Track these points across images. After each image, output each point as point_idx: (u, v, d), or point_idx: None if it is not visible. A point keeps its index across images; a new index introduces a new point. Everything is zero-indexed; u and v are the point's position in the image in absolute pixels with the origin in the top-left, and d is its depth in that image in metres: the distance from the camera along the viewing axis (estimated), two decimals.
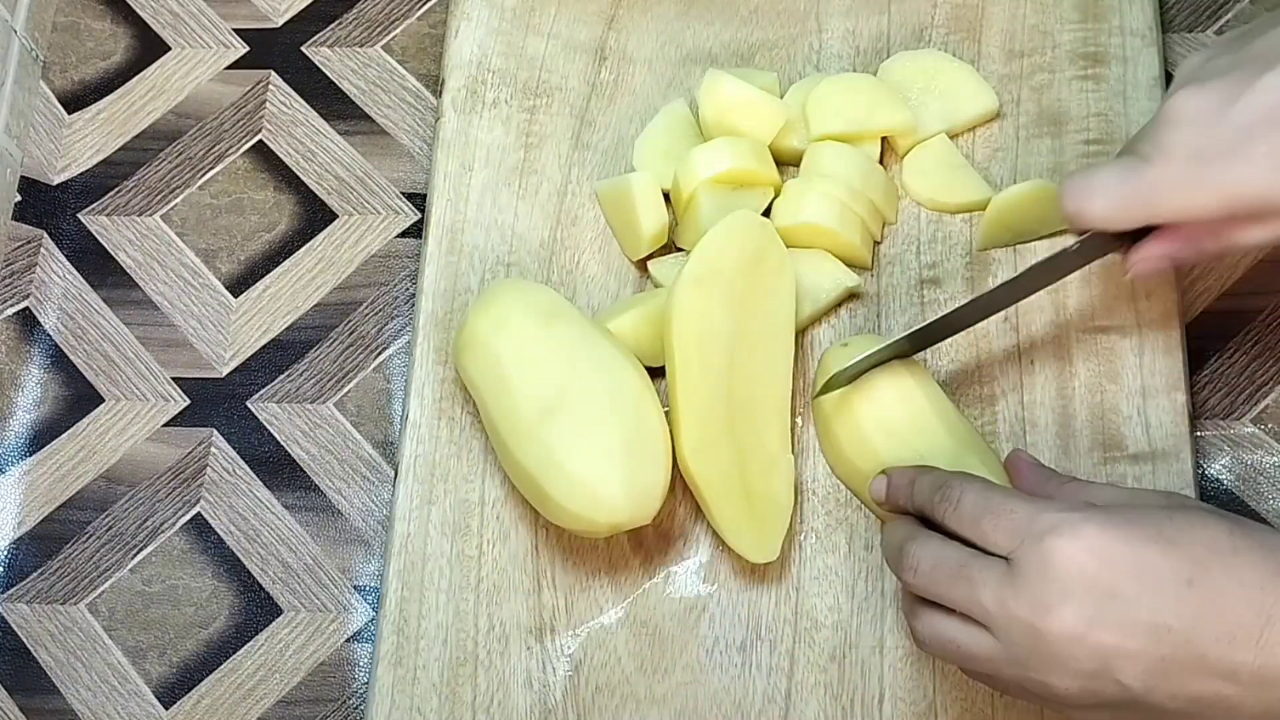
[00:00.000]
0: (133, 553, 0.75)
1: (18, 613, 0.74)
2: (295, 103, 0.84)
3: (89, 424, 0.77)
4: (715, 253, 0.67)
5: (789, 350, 0.68)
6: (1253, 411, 0.71)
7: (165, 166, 0.83)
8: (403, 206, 0.81)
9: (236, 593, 0.74)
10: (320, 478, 0.75)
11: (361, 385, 0.77)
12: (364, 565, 0.74)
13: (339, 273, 0.80)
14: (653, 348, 0.69)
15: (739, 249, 0.67)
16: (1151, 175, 0.58)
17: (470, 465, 0.71)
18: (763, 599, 0.67)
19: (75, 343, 0.79)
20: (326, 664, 0.72)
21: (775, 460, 0.67)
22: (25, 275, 0.81)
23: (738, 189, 0.72)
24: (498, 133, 0.78)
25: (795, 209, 0.71)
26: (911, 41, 0.78)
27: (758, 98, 0.73)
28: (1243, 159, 0.56)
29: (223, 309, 0.80)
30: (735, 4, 0.80)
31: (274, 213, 0.81)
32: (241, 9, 0.87)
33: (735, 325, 0.67)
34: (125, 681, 0.72)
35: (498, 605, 0.68)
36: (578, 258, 0.75)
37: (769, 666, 0.66)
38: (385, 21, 0.85)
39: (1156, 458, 0.68)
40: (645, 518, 0.64)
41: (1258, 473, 0.70)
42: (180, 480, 0.76)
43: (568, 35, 0.80)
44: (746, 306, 0.67)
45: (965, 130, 0.75)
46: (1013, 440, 0.69)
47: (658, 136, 0.76)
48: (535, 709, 0.67)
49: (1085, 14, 0.77)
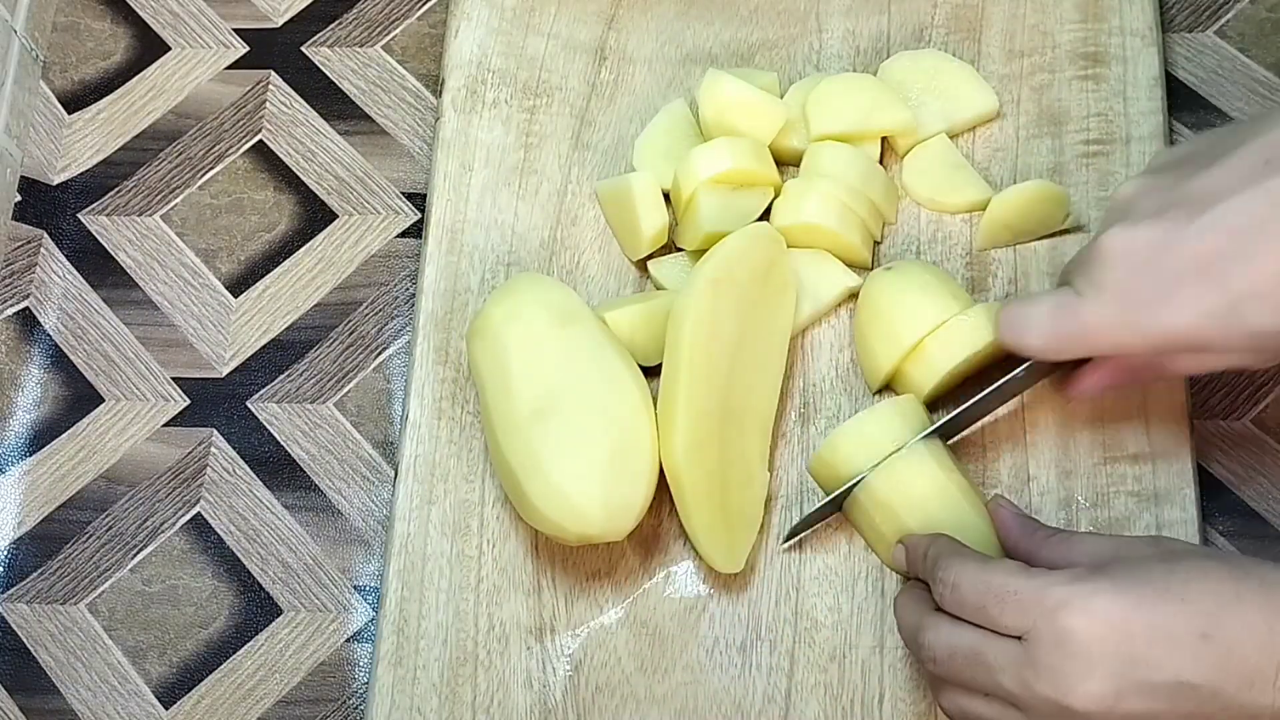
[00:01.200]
0: (133, 553, 0.75)
1: (18, 613, 0.74)
2: (295, 103, 0.84)
3: (89, 424, 0.77)
4: (733, 258, 0.67)
5: (781, 369, 0.69)
6: (1253, 411, 0.71)
7: (165, 166, 0.83)
8: (403, 206, 0.81)
9: (236, 593, 0.74)
10: (320, 478, 0.75)
11: (361, 385, 0.77)
12: (364, 565, 0.74)
13: (339, 273, 0.80)
14: (647, 346, 0.69)
15: (754, 259, 0.67)
16: (1085, 313, 0.59)
17: (470, 465, 0.71)
18: (763, 599, 0.67)
19: (75, 343, 0.79)
20: (326, 664, 0.72)
21: (753, 474, 0.67)
22: (25, 275, 0.81)
23: (737, 189, 0.72)
24: (498, 133, 0.78)
25: (796, 209, 0.71)
26: (911, 41, 0.78)
27: (758, 98, 0.73)
28: (1172, 305, 0.57)
29: (223, 309, 0.80)
30: (735, 4, 0.80)
31: (274, 213, 0.81)
32: (241, 9, 0.87)
33: (741, 333, 0.67)
34: (125, 681, 0.72)
35: (498, 605, 0.68)
36: (578, 258, 0.75)
37: (769, 666, 0.66)
38: (385, 21, 0.85)
39: (1156, 458, 0.68)
40: (618, 534, 0.64)
41: (1258, 473, 0.70)
42: (180, 480, 0.76)
43: (568, 35, 0.80)
44: (753, 317, 0.67)
45: (965, 130, 0.75)
46: (1013, 441, 0.69)
47: (658, 136, 0.76)
48: (535, 709, 0.67)
49: (1085, 14, 0.77)
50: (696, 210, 0.71)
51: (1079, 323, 0.59)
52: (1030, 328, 0.62)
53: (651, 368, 0.69)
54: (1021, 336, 0.62)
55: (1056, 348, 0.61)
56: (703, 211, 0.71)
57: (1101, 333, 0.59)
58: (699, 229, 0.70)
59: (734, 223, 0.70)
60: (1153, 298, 0.57)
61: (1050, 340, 0.61)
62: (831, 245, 0.71)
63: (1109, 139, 0.74)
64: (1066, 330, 0.60)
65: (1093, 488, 0.68)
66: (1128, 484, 0.67)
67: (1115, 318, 0.58)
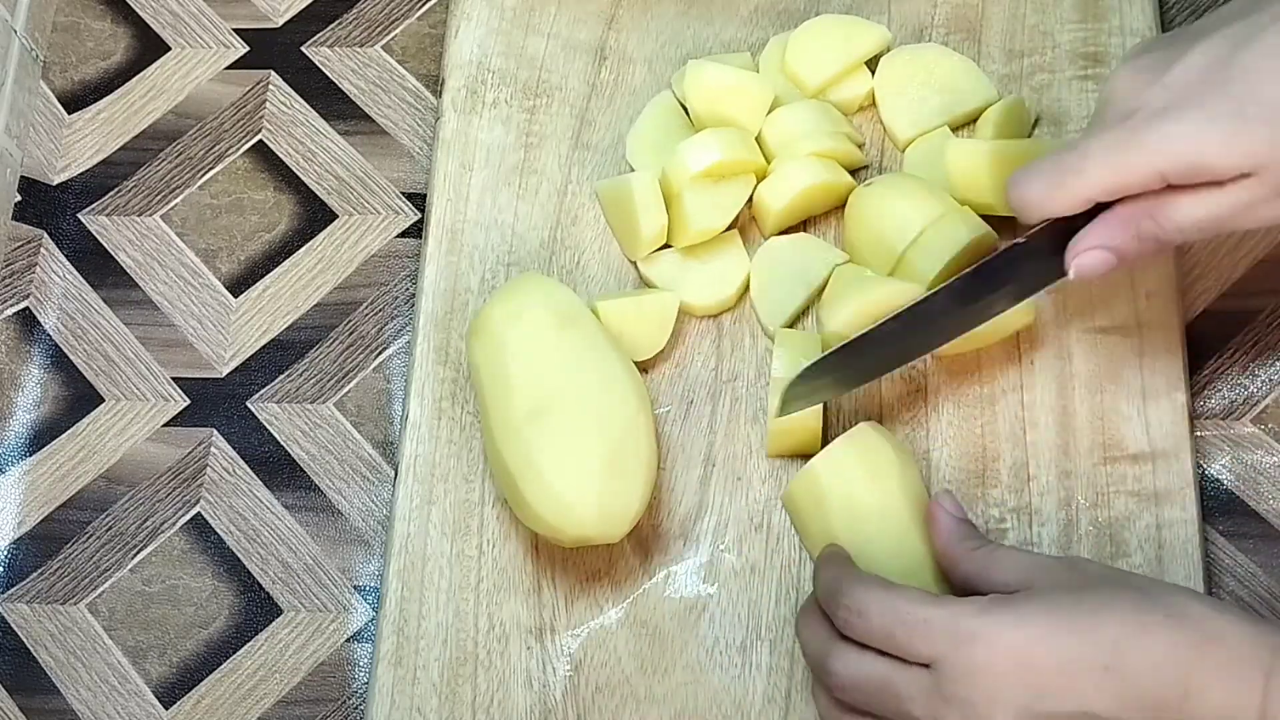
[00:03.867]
0: (133, 553, 0.75)
1: (18, 613, 0.74)
2: (295, 103, 0.84)
3: (89, 424, 0.77)
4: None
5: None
6: (1253, 411, 0.71)
7: (165, 166, 0.83)
8: (403, 206, 0.81)
9: (236, 593, 0.74)
10: (320, 478, 0.75)
11: (361, 385, 0.77)
12: (364, 565, 0.74)
13: (339, 273, 0.80)
14: (636, 340, 0.70)
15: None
16: (1083, 144, 0.58)
17: (470, 465, 0.71)
18: (763, 599, 0.67)
19: (75, 343, 0.79)
20: (326, 664, 0.72)
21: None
22: (25, 275, 0.81)
23: (720, 181, 0.71)
24: (498, 133, 0.78)
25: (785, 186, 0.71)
26: (911, 41, 0.78)
27: (743, 79, 0.73)
28: (1173, 118, 0.55)
29: (223, 309, 0.80)
30: (735, 4, 0.80)
31: (274, 213, 0.81)
32: (241, 9, 0.87)
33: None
34: (125, 681, 0.72)
35: (498, 605, 0.68)
36: (578, 258, 0.75)
37: (769, 666, 0.66)
38: (385, 21, 0.85)
39: (1156, 458, 0.68)
40: (614, 536, 0.64)
41: (1258, 473, 0.70)
42: (180, 480, 0.76)
43: (568, 35, 0.80)
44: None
45: (966, 123, 0.75)
46: (1013, 441, 0.69)
47: (648, 130, 0.76)
48: (535, 709, 0.67)
49: (1085, 14, 0.77)
50: (684, 209, 0.71)
51: (1078, 154, 0.57)
52: (1031, 174, 0.59)
53: (643, 364, 0.69)
54: (1025, 188, 0.59)
55: (1058, 190, 0.58)
56: (689, 210, 0.71)
57: (1101, 157, 0.57)
58: (687, 228, 0.71)
59: (721, 219, 0.71)
60: (1155, 113, 0.56)
61: (1051, 182, 0.58)
62: (826, 196, 0.72)
63: None
64: (1066, 166, 0.58)
65: (1093, 488, 0.68)
66: (1128, 484, 0.67)
67: (1115, 139, 0.56)
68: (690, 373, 0.72)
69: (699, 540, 0.69)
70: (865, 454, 0.65)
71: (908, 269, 0.68)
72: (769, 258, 0.73)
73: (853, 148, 0.73)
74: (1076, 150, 0.58)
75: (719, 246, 0.73)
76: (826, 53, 0.75)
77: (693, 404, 0.71)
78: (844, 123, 0.75)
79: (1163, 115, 0.56)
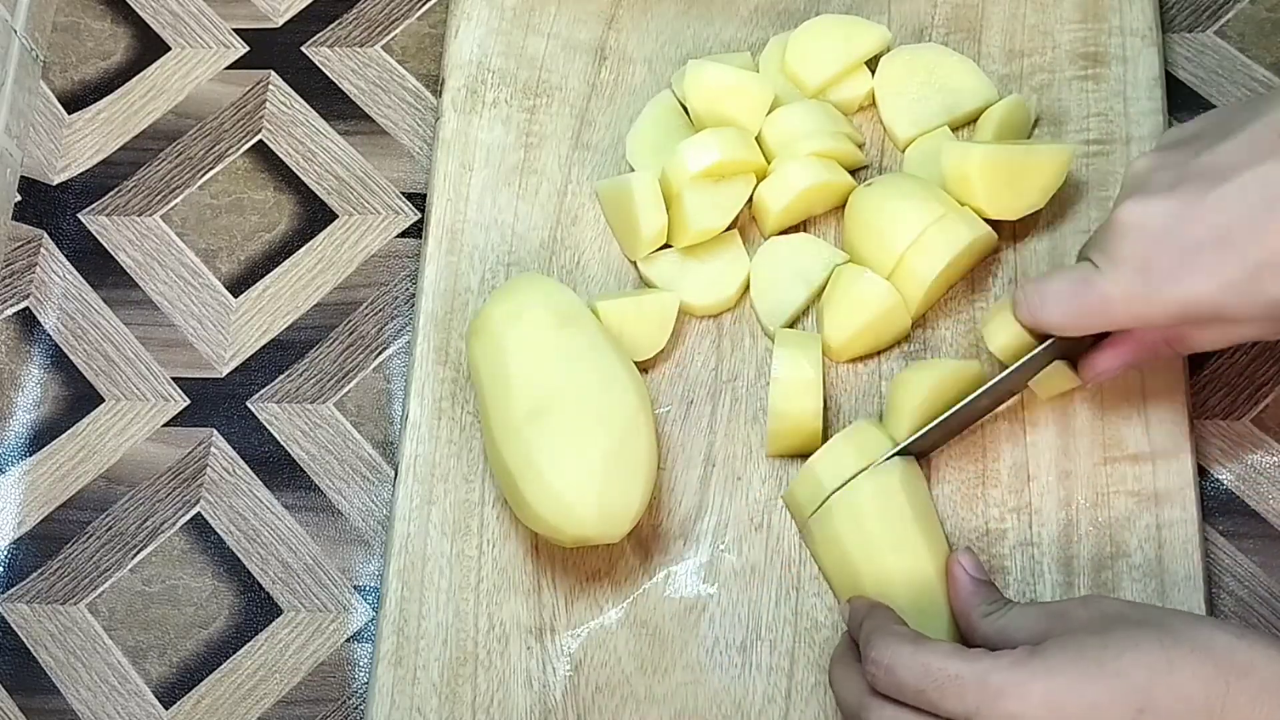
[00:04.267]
0: (133, 553, 0.75)
1: (18, 613, 0.74)
2: (295, 103, 0.84)
3: (89, 424, 0.77)
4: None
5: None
6: (1253, 411, 0.71)
7: (165, 166, 0.83)
8: (403, 206, 0.81)
9: (236, 593, 0.74)
10: (320, 478, 0.75)
11: (361, 385, 0.77)
12: (364, 565, 0.74)
13: (339, 273, 0.80)
14: (636, 340, 0.70)
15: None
16: (1103, 285, 0.59)
17: (470, 465, 0.71)
18: (763, 599, 0.67)
19: (75, 343, 0.79)
20: (326, 664, 0.72)
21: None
22: (25, 275, 0.81)
23: (719, 181, 0.71)
24: (498, 132, 0.78)
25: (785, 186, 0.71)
26: (911, 41, 0.78)
27: (743, 79, 0.73)
28: (1191, 275, 0.57)
29: (223, 309, 0.80)
30: (735, 4, 0.80)
31: (274, 213, 0.81)
32: (241, 9, 0.87)
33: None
34: (125, 681, 0.72)
35: (498, 605, 0.68)
36: (578, 258, 0.75)
37: (769, 666, 0.66)
38: (385, 21, 0.85)
39: (1156, 458, 0.68)
40: (614, 536, 0.64)
41: (1258, 473, 0.70)
42: (180, 480, 0.76)
43: (568, 35, 0.80)
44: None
45: (966, 123, 0.75)
46: (1013, 441, 0.69)
47: (648, 130, 0.76)
48: (535, 709, 0.67)
49: (1085, 14, 0.77)
50: (684, 209, 0.71)
51: (1098, 295, 0.59)
52: (1049, 302, 0.62)
53: (643, 364, 0.69)
54: (1040, 312, 0.62)
55: (1076, 322, 0.61)
56: (689, 210, 0.71)
57: (1121, 304, 0.59)
58: (687, 228, 0.71)
59: (721, 219, 0.71)
60: (1171, 268, 0.57)
61: (1070, 314, 0.61)
62: (826, 196, 0.72)
63: (1109, 139, 0.74)
64: (1086, 303, 0.60)
65: (1093, 488, 0.68)
66: (1128, 484, 0.67)
67: (1135, 289, 0.58)
68: (690, 373, 0.72)
69: (699, 540, 0.69)
70: (865, 451, 0.65)
71: (908, 269, 0.68)
72: (769, 258, 0.73)
73: (853, 148, 0.73)
74: (1097, 290, 0.60)
75: (719, 246, 0.73)
76: (826, 53, 0.75)
77: (693, 404, 0.71)
78: (844, 123, 0.75)
79: (1179, 272, 0.57)
